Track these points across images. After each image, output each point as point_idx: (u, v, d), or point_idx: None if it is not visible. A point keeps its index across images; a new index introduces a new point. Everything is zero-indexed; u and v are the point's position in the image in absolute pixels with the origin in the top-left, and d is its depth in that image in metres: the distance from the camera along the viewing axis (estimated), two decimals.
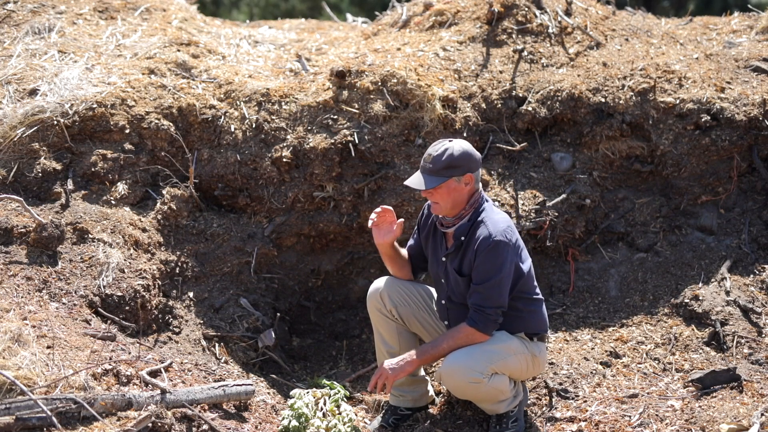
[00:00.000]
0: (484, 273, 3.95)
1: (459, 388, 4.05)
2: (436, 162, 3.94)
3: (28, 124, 5.13)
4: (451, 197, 3.98)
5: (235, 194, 5.46)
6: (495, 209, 4.10)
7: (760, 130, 5.37)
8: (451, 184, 3.96)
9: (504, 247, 3.93)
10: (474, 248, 3.97)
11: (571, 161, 5.56)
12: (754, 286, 5.00)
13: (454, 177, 3.94)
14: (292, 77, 6.05)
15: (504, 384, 4.05)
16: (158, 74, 5.72)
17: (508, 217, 4.14)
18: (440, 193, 3.97)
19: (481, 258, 3.94)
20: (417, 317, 4.32)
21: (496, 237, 3.92)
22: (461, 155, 3.94)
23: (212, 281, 5.22)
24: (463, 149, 3.96)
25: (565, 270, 5.42)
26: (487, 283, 3.93)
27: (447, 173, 3.93)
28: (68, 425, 3.44)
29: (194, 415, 3.80)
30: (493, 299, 3.95)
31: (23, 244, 4.58)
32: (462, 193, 4.00)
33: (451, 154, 3.93)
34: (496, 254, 3.92)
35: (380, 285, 4.32)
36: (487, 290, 3.94)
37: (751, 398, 4.15)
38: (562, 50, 6.12)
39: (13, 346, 3.70)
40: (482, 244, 3.94)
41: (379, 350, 4.42)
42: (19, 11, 6.44)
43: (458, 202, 4.01)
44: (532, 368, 4.19)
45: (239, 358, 4.96)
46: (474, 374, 3.93)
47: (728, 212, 5.40)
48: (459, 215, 4.04)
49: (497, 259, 3.92)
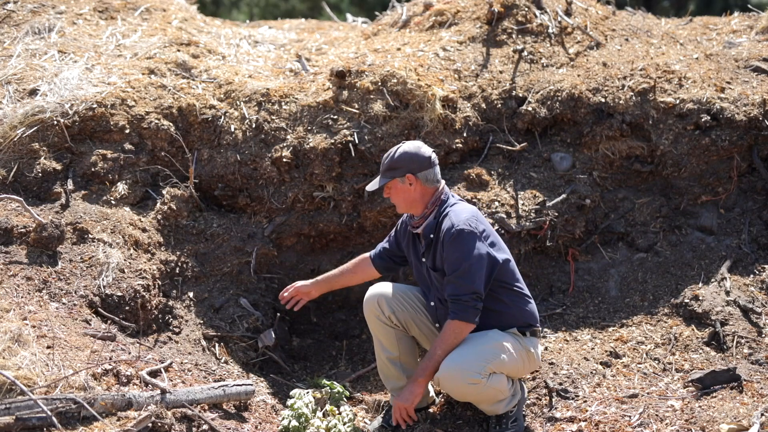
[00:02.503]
0: (452, 262, 4.02)
1: (458, 391, 4.05)
2: (382, 164, 4.19)
3: (28, 124, 5.13)
4: (401, 197, 4.17)
5: (235, 194, 5.46)
6: (461, 203, 4.22)
7: (760, 130, 5.37)
8: (396, 185, 4.15)
9: (468, 235, 4.01)
10: (441, 241, 4.08)
11: (571, 161, 5.56)
12: (754, 286, 5.00)
13: (396, 178, 4.12)
14: (292, 77, 6.05)
15: (502, 383, 4.06)
16: (158, 74, 5.72)
17: (476, 209, 4.23)
18: (390, 194, 4.21)
19: (448, 248, 4.03)
20: (415, 321, 4.33)
21: (458, 226, 4.02)
22: (400, 157, 4.12)
23: (212, 281, 5.22)
24: (405, 150, 4.13)
25: (565, 270, 5.42)
26: (458, 271, 3.99)
27: (389, 174, 4.14)
28: (68, 425, 3.44)
29: (194, 415, 3.80)
30: (466, 286, 3.98)
31: (23, 244, 4.58)
32: (411, 193, 4.14)
33: (392, 156, 4.14)
34: (460, 242, 4.00)
35: (376, 292, 4.35)
36: (459, 278, 3.99)
37: (751, 398, 4.15)
38: (562, 50, 6.12)
39: (13, 346, 3.70)
40: (446, 235, 4.04)
41: (379, 357, 4.43)
42: (19, 11, 6.44)
43: (412, 201, 4.16)
44: (528, 364, 4.20)
45: (239, 358, 4.96)
46: (472, 375, 3.94)
47: (728, 212, 5.40)
48: (423, 214, 4.17)
49: (463, 247, 4.00)
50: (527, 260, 5.40)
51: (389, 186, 4.16)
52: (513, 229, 5.26)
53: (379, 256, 4.51)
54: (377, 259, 4.51)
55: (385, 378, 4.48)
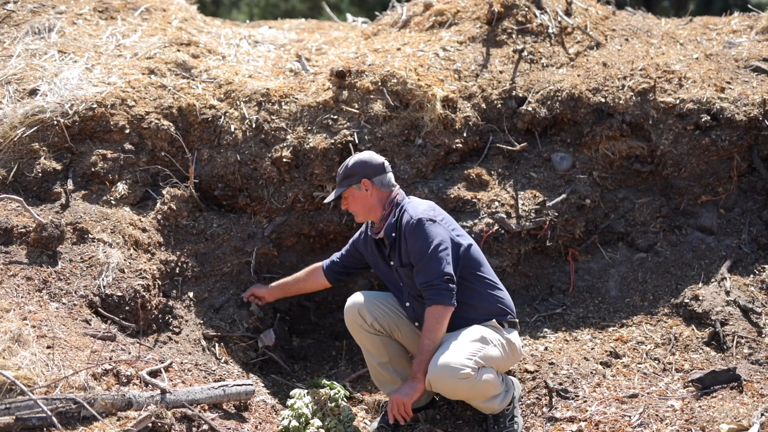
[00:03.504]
0: (417, 252, 4.12)
1: (450, 388, 4.05)
2: (338, 175, 4.40)
3: (28, 124, 5.13)
4: (359, 203, 4.32)
5: (235, 194, 5.46)
6: (417, 200, 4.37)
7: (760, 130, 5.37)
8: (353, 192, 4.30)
9: (426, 223, 4.14)
10: (403, 236, 4.19)
11: (571, 161, 5.56)
12: (754, 286, 5.00)
13: (353, 185, 4.27)
14: (292, 77, 6.05)
15: (493, 376, 4.08)
16: (158, 74, 5.72)
17: (433, 204, 4.38)
18: (349, 202, 4.37)
19: (411, 240, 4.15)
20: (398, 325, 4.39)
21: (416, 216, 4.17)
22: (354, 164, 4.30)
23: (212, 281, 5.22)
24: (358, 158, 4.32)
25: (565, 270, 5.42)
26: (424, 258, 4.09)
27: (345, 183, 4.33)
28: (68, 425, 3.44)
29: (194, 415, 3.80)
30: (435, 270, 4.06)
31: (23, 244, 4.58)
32: (369, 199, 4.29)
33: (347, 165, 4.31)
34: (421, 230, 4.12)
35: (356, 301, 4.41)
36: (426, 264, 4.08)
37: (751, 398, 4.15)
38: (562, 50, 6.12)
39: (13, 346, 3.70)
40: (407, 228, 4.17)
41: (370, 365, 4.46)
42: (19, 11, 6.44)
43: (369, 207, 4.31)
44: (512, 356, 4.27)
45: (239, 358, 4.96)
46: (462, 369, 3.96)
47: (728, 212, 5.40)
48: (382, 217, 4.30)
49: (424, 234, 4.12)
50: (527, 260, 5.40)
51: (346, 195, 4.32)
52: (513, 229, 5.26)
53: (331, 267, 4.72)
54: (328, 270, 4.72)
55: (380, 384, 4.50)
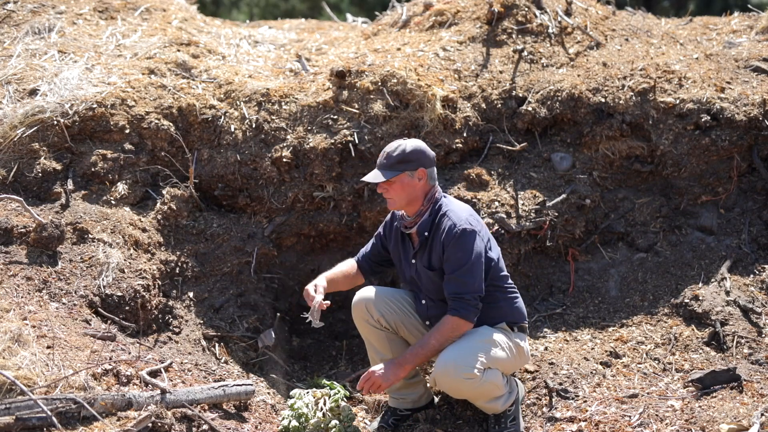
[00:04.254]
0: (455, 262, 4.03)
1: (455, 387, 4.05)
2: (390, 158, 4.10)
3: (28, 124, 5.13)
4: (405, 192, 4.12)
5: (235, 194, 5.46)
6: (455, 201, 4.23)
7: (760, 130, 5.37)
8: (404, 179, 4.10)
9: (470, 234, 4.04)
10: (441, 240, 4.07)
11: (571, 161, 5.56)
12: (754, 286, 5.00)
13: (407, 171, 4.09)
14: (292, 77, 6.05)
15: (498, 378, 4.07)
16: (158, 74, 5.72)
17: (471, 209, 4.24)
18: (394, 188, 4.12)
19: (450, 248, 4.04)
20: (404, 322, 4.34)
21: (461, 225, 4.04)
22: (413, 150, 4.10)
23: (212, 281, 5.22)
24: (416, 145, 4.14)
25: (565, 270, 5.42)
26: (460, 270, 4.01)
27: (400, 167, 4.08)
28: (68, 425, 3.44)
29: (194, 415, 3.80)
30: (469, 285, 4.01)
31: (23, 244, 4.58)
32: (416, 189, 4.12)
33: (404, 150, 4.09)
34: (464, 241, 4.02)
35: (364, 296, 4.35)
36: (462, 277, 4.02)
37: (751, 398, 4.15)
38: (562, 50, 6.12)
39: (13, 346, 3.70)
40: (448, 235, 4.05)
41: (372, 360, 4.44)
42: (19, 11, 6.44)
43: (413, 198, 4.14)
44: (519, 359, 4.24)
45: (239, 358, 4.96)
46: (467, 370, 3.95)
47: (728, 212, 5.40)
48: (418, 212, 4.16)
49: (466, 246, 4.02)
50: (527, 260, 5.40)
51: (394, 180, 4.10)
52: (513, 229, 5.26)
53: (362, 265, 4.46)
54: (362, 267, 4.47)
55: None
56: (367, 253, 4.47)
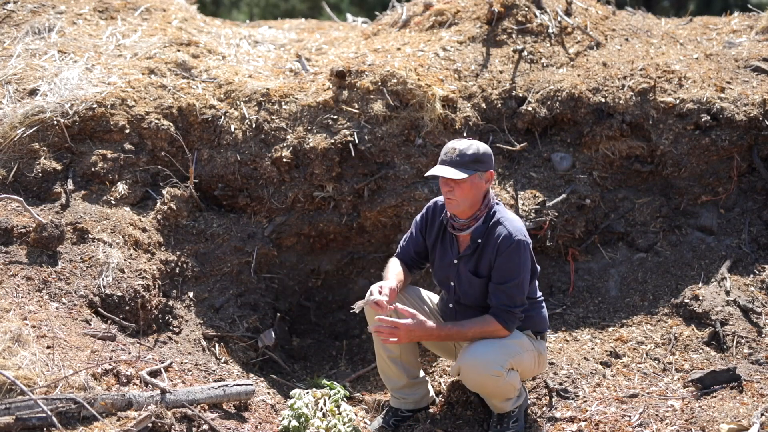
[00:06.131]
0: (507, 272, 3.97)
1: (479, 382, 4.06)
2: (464, 155, 3.92)
3: (28, 124, 5.13)
4: (471, 193, 3.97)
5: (235, 194, 5.46)
6: (509, 212, 4.13)
7: (760, 130, 5.37)
8: (475, 179, 3.95)
9: (525, 247, 3.99)
10: (494, 248, 3.99)
11: (571, 161, 5.56)
12: (754, 286, 5.00)
13: (479, 172, 3.95)
14: (292, 77, 6.05)
15: (517, 380, 4.11)
16: (158, 74, 5.72)
17: (520, 219, 4.20)
18: (462, 188, 3.94)
19: (504, 258, 3.97)
20: None
21: (517, 237, 3.96)
22: (486, 152, 3.99)
23: (212, 281, 5.22)
24: (487, 147, 4.03)
25: (565, 270, 5.42)
26: (511, 282, 3.97)
27: (474, 167, 3.93)
28: (68, 425, 3.44)
29: (194, 415, 3.80)
30: (517, 298, 4.00)
31: (23, 244, 4.58)
32: (480, 191, 4.00)
33: (478, 149, 3.95)
34: (518, 253, 3.96)
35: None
36: (512, 289, 3.98)
37: (751, 398, 4.15)
38: (562, 50, 6.12)
39: (13, 346, 3.70)
40: (503, 244, 3.96)
41: (379, 356, 4.41)
42: (19, 11, 6.44)
43: (475, 201, 4.01)
44: (538, 366, 4.26)
45: (239, 358, 4.96)
46: (496, 367, 3.96)
47: (728, 212, 5.40)
48: (474, 216, 4.04)
49: (519, 259, 3.97)
50: None
51: (465, 180, 3.92)
52: None
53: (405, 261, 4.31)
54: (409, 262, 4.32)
55: (385, 377, 4.46)
56: (408, 250, 4.32)
